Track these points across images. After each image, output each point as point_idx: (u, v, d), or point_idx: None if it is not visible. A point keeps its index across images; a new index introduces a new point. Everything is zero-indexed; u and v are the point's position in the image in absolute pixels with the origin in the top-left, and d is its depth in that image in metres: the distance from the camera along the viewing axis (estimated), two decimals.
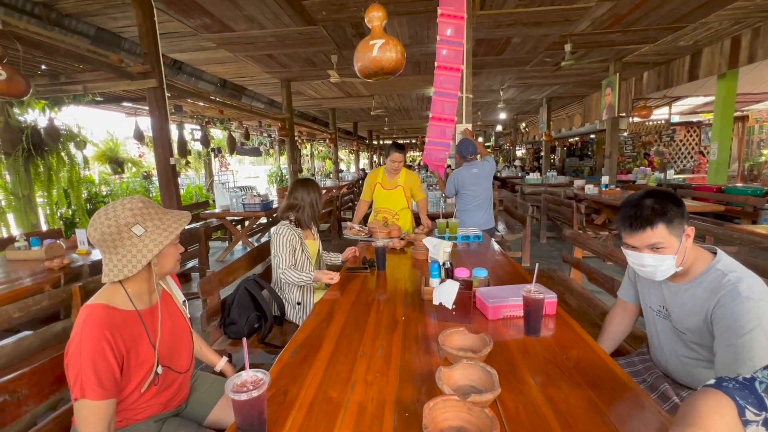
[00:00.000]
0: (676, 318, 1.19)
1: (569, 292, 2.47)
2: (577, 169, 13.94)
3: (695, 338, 1.14)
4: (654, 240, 1.09)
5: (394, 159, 3.09)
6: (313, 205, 2.18)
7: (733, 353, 0.98)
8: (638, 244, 1.13)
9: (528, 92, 9.24)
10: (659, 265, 1.11)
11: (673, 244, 1.09)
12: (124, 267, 0.99)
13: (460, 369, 0.98)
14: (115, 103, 6.39)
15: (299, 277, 2.02)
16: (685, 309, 1.15)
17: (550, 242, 5.93)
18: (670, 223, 1.08)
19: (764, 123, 9.51)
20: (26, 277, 2.30)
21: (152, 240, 1.02)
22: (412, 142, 24.61)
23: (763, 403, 0.63)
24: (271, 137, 12.95)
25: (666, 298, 1.22)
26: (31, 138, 4.20)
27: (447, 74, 3.08)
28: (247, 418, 0.79)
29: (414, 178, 3.25)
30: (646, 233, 1.09)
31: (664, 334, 1.25)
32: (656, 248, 1.10)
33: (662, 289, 1.24)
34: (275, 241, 2.08)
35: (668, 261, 1.10)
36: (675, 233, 1.09)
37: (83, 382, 0.90)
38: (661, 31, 4.92)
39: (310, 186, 2.22)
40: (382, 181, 3.22)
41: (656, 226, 1.08)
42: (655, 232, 1.08)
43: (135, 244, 1.00)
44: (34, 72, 4.25)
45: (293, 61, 5.82)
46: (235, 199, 5.48)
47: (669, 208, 1.08)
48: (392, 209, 3.22)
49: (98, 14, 3.83)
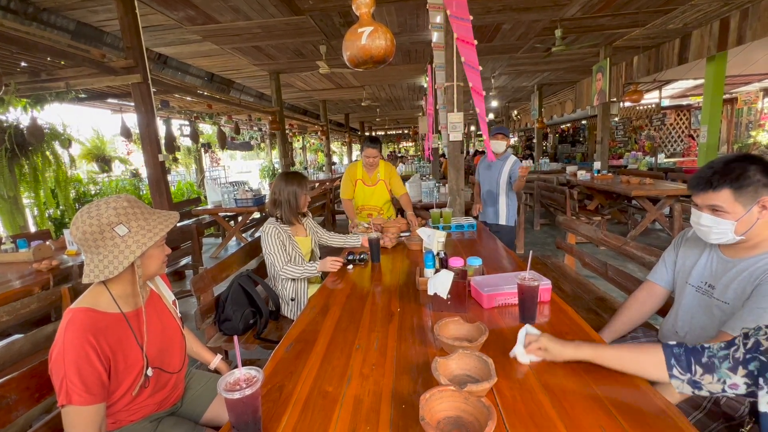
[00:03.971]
0: (720, 290, 1.15)
1: (563, 278, 2.48)
2: (570, 155, 14.00)
3: (736, 309, 1.10)
4: (714, 202, 1.08)
5: (368, 155, 2.98)
6: (290, 199, 2.11)
7: (756, 315, 0.98)
8: (699, 203, 1.12)
9: (519, 79, 9.20)
10: (713, 227, 1.10)
11: (736, 210, 1.06)
12: (105, 268, 0.96)
13: (456, 359, 0.98)
14: (100, 100, 6.24)
15: (303, 271, 1.99)
16: (735, 279, 1.11)
17: (543, 229, 5.96)
18: (740, 189, 1.05)
19: (753, 105, 9.58)
20: (14, 279, 2.26)
21: (135, 241, 0.99)
22: (404, 132, 24.48)
23: (690, 368, 0.84)
24: (262, 131, 12.79)
25: (715, 273, 1.19)
26: (14, 138, 4.09)
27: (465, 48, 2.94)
28: (241, 417, 0.78)
29: (392, 171, 3.14)
30: (707, 194, 1.09)
31: (699, 310, 1.21)
32: (716, 210, 1.09)
33: (712, 264, 1.20)
34: (264, 242, 2.06)
35: (724, 226, 1.08)
36: (743, 201, 1.05)
37: (68, 388, 0.88)
38: (650, 14, 4.90)
39: (289, 179, 2.15)
40: (363, 177, 3.11)
41: (720, 189, 1.06)
42: (716, 194, 1.07)
43: (117, 244, 0.97)
44: (13, 69, 4.13)
45: (281, 52, 5.72)
46: (227, 194, 5.43)
47: (747, 175, 1.04)
48: (376, 205, 3.14)
49: (77, 8, 3.71)
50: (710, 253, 1.23)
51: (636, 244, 1.92)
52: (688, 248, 1.32)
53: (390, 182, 3.14)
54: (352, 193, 3.15)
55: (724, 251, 1.20)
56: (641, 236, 4.85)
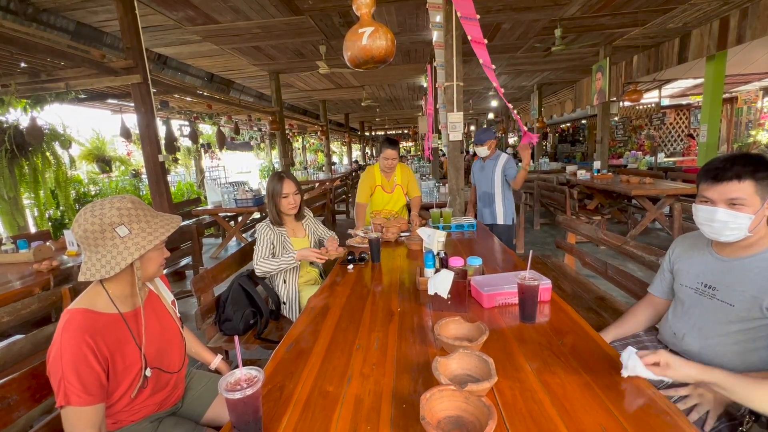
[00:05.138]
0: (724, 292, 1.14)
1: (563, 278, 2.48)
2: (569, 154, 13.99)
3: (742, 313, 1.09)
4: (737, 194, 1.07)
5: (387, 156, 2.93)
6: (270, 198, 2.12)
7: None
8: (716, 197, 1.10)
9: (519, 79, 9.19)
10: (730, 222, 1.08)
11: (754, 203, 1.07)
12: (102, 267, 0.96)
13: (457, 358, 0.98)
14: (100, 100, 6.25)
15: (277, 263, 1.98)
16: (741, 282, 1.11)
17: (543, 229, 5.96)
18: (759, 182, 1.06)
19: (752, 104, 9.58)
20: (15, 280, 2.26)
21: (135, 243, 0.99)
22: (404, 132, 24.47)
23: None
24: (262, 131, 12.79)
25: (717, 274, 1.18)
26: (14, 138, 4.09)
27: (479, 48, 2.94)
28: (242, 417, 0.78)
29: (408, 173, 3.14)
30: (731, 184, 1.08)
31: (697, 312, 1.21)
32: (734, 204, 1.08)
33: (713, 265, 1.20)
34: (256, 237, 2.10)
35: (742, 220, 1.07)
36: (760, 194, 1.07)
37: (67, 389, 0.88)
38: (650, 14, 4.90)
39: (270, 179, 2.16)
40: (382, 183, 3.07)
41: (744, 180, 1.07)
42: (741, 185, 1.07)
43: (117, 245, 0.97)
44: (13, 70, 4.13)
45: (281, 52, 5.72)
46: (227, 194, 5.43)
47: (761, 169, 1.06)
48: (392, 210, 3.13)
49: (77, 8, 3.71)
50: (704, 254, 1.23)
51: (636, 243, 1.92)
52: (682, 252, 1.32)
53: (407, 186, 3.13)
54: (368, 198, 3.10)
55: (718, 251, 1.20)
56: (641, 235, 4.86)
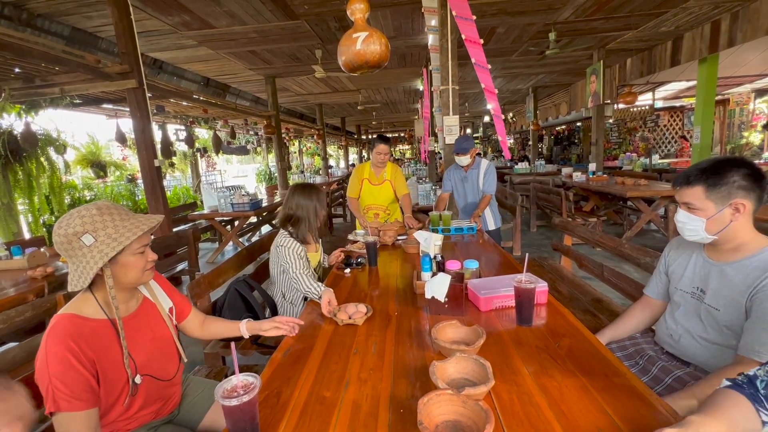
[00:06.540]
0: (711, 296, 1.15)
1: (560, 280, 2.49)
2: (565, 157, 14.07)
3: (727, 317, 1.10)
4: (686, 199, 1.14)
5: (379, 151, 3.04)
6: (309, 218, 1.95)
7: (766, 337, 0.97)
8: (677, 199, 1.18)
9: (514, 82, 9.25)
10: (687, 224, 1.15)
11: (707, 208, 1.10)
12: (78, 278, 0.95)
13: (454, 362, 0.98)
14: (95, 105, 6.22)
15: (309, 287, 1.75)
16: (726, 286, 1.12)
17: (540, 231, 5.98)
18: (712, 187, 1.09)
19: (744, 106, 9.68)
20: (9, 287, 2.24)
21: (100, 251, 0.95)
22: (400, 135, 24.54)
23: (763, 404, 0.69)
24: (258, 135, 12.77)
25: (705, 278, 1.19)
26: (7, 144, 4.06)
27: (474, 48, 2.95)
28: (238, 424, 0.78)
29: (398, 172, 3.20)
30: (682, 190, 1.15)
31: (692, 316, 1.22)
32: (690, 207, 1.13)
33: (703, 268, 1.21)
34: (282, 254, 1.85)
35: (696, 223, 1.12)
36: (714, 199, 1.09)
37: (55, 395, 0.86)
38: (643, 17, 4.96)
39: (312, 193, 1.97)
40: (369, 176, 3.17)
41: (693, 186, 1.11)
42: (689, 191, 1.12)
43: (85, 254, 0.95)
44: (7, 75, 4.11)
45: (277, 57, 5.73)
46: (224, 199, 5.41)
47: (723, 175, 1.07)
48: (382, 204, 3.19)
49: (72, 13, 3.71)
50: (696, 256, 1.25)
51: (631, 245, 1.94)
52: (677, 254, 1.33)
53: (395, 182, 3.18)
54: (358, 192, 3.20)
55: (708, 254, 1.21)
56: (636, 237, 4.88)
